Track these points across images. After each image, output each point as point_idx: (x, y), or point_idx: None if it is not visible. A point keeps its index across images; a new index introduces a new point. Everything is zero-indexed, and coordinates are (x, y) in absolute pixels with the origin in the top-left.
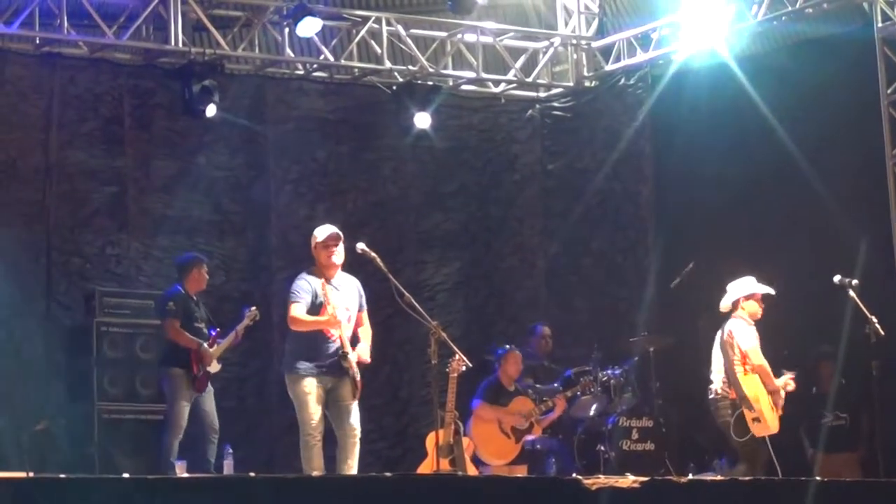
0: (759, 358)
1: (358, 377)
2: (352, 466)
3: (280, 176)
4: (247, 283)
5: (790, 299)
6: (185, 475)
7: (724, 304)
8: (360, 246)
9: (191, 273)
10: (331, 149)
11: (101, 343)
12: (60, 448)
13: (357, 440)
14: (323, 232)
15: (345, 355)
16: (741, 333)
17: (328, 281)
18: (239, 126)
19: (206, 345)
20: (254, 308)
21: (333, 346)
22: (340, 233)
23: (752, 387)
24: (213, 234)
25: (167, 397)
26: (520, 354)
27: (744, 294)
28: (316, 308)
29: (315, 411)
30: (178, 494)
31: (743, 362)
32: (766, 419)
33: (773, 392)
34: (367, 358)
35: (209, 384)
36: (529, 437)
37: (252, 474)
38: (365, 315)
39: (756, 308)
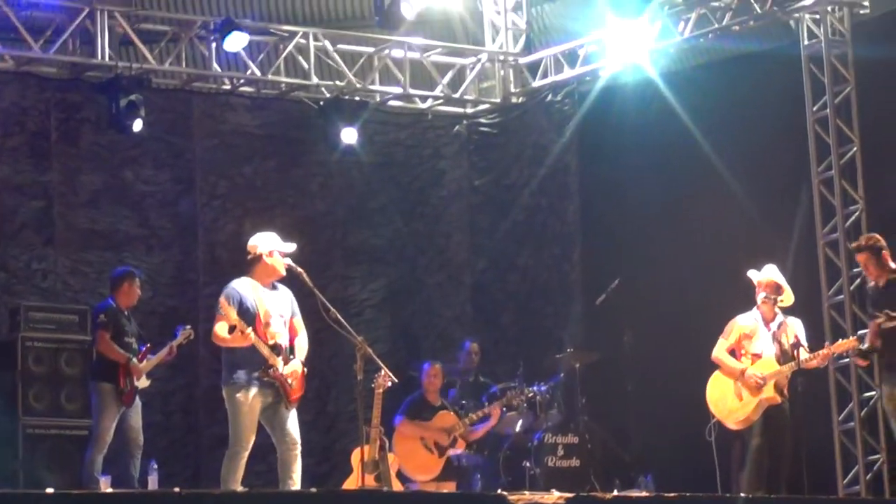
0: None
1: (291, 385)
2: (295, 482)
3: (207, 191)
4: (173, 298)
5: (718, 315)
6: (110, 490)
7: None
8: (287, 261)
9: (122, 287)
10: (258, 164)
11: (25, 358)
12: None
13: (298, 453)
14: (283, 243)
15: (268, 367)
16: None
17: (263, 288)
18: (166, 141)
19: (135, 359)
20: (188, 327)
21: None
22: None
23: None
24: (139, 249)
25: (94, 411)
26: (440, 367)
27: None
28: (247, 315)
29: (248, 423)
30: None
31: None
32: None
33: (739, 378)
34: (299, 369)
35: (137, 399)
36: (454, 452)
37: (177, 490)
38: (298, 322)
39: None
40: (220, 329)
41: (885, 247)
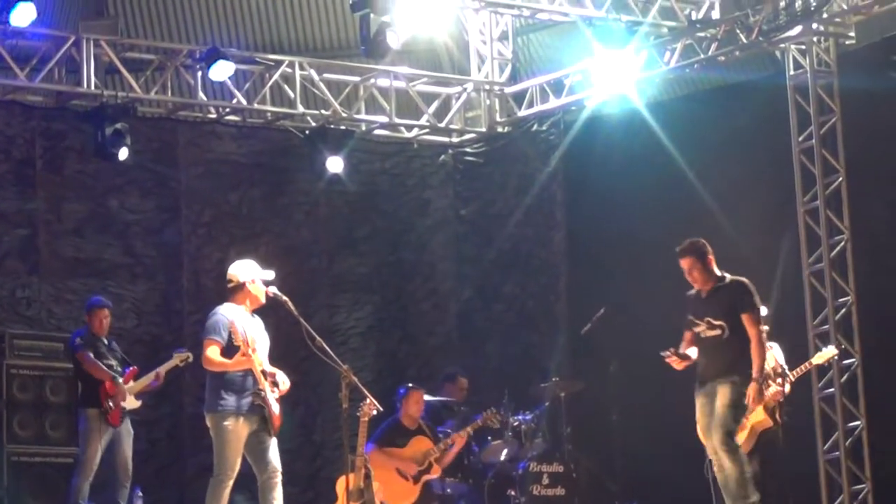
0: None
1: (275, 411)
2: None
3: (192, 219)
4: (159, 326)
5: None
6: None
7: None
8: (272, 290)
9: (91, 316)
10: (243, 192)
11: (10, 385)
12: None
13: (279, 480)
14: (264, 271)
15: (259, 392)
16: None
17: (247, 314)
18: (151, 169)
19: (119, 379)
20: (187, 353)
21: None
22: None
23: None
24: (124, 278)
25: (81, 438)
26: (422, 393)
27: None
28: (236, 343)
29: (235, 450)
30: None
31: None
32: None
33: None
34: (287, 384)
35: (129, 425)
36: (430, 478)
37: None
38: None
39: None
40: (213, 353)
41: (710, 252)
